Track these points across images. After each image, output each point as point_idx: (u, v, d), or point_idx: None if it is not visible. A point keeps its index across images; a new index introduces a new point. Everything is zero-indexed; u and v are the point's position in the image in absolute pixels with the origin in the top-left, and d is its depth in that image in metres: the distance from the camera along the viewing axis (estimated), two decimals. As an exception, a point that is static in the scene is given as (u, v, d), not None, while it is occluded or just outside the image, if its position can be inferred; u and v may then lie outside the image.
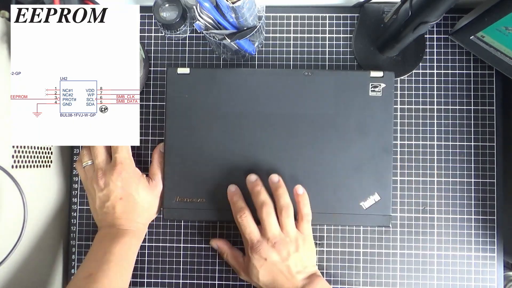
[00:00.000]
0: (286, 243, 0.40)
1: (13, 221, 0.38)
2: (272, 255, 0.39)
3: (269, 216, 0.40)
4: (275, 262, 0.40)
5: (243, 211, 0.41)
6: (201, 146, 0.45)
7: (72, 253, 0.50)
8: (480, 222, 0.48)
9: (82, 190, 0.50)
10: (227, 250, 0.46)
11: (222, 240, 0.47)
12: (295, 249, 0.40)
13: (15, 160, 0.40)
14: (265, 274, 0.40)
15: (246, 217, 0.41)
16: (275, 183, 0.42)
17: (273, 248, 0.39)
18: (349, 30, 0.49)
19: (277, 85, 0.44)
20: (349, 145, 0.44)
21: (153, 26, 0.50)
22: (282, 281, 0.40)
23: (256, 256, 0.40)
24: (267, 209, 0.40)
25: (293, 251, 0.40)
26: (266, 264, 0.40)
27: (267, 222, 0.40)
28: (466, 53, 0.48)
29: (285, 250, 0.40)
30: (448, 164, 0.48)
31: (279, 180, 0.42)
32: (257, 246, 0.40)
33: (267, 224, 0.40)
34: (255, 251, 0.40)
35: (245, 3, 0.36)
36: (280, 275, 0.40)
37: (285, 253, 0.40)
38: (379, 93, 0.44)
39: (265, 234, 0.40)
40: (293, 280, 0.40)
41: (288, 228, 0.40)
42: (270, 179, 0.42)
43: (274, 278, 0.40)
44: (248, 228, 0.40)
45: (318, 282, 0.40)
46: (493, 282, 0.47)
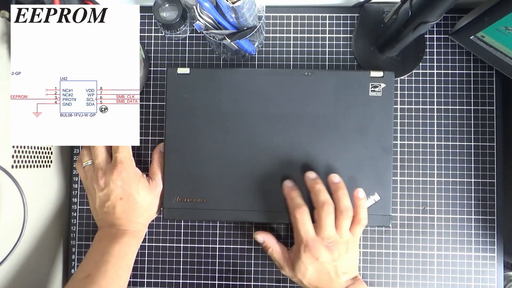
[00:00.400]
0: (339, 244, 0.40)
1: (13, 221, 0.38)
2: (324, 255, 0.39)
3: (329, 216, 0.40)
4: (325, 262, 0.40)
5: (302, 207, 0.41)
6: (201, 146, 0.45)
7: (72, 253, 0.50)
8: (480, 222, 0.48)
9: (82, 190, 0.50)
10: (274, 245, 0.44)
11: (268, 234, 0.45)
12: (345, 251, 0.40)
13: (15, 160, 0.40)
14: (313, 272, 0.40)
15: (305, 214, 0.40)
16: (336, 183, 0.42)
17: (326, 248, 0.39)
18: (349, 30, 0.49)
19: (277, 85, 0.44)
20: (349, 145, 0.44)
21: (153, 26, 0.50)
22: (328, 281, 0.40)
23: (308, 254, 0.40)
24: (328, 209, 0.40)
25: (343, 252, 0.40)
26: (316, 263, 0.40)
27: (325, 221, 0.39)
28: (466, 53, 0.48)
29: (337, 251, 0.40)
30: (448, 164, 0.48)
31: (340, 181, 0.42)
32: (312, 245, 0.39)
33: (324, 224, 0.39)
34: (308, 249, 0.39)
35: (245, 3, 0.36)
36: (327, 275, 0.40)
37: (336, 254, 0.40)
38: (379, 93, 0.44)
39: (320, 233, 0.40)
40: (338, 280, 0.40)
41: (344, 230, 0.40)
42: (330, 179, 0.42)
43: (320, 277, 0.40)
44: (305, 226, 0.40)
45: (360, 285, 0.41)
46: (493, 282, 0.47)
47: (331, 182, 0.42)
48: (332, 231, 0.40)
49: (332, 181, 0.42)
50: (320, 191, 0.41)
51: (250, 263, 0.49)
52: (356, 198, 0.41)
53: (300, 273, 0.41)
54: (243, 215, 0.45)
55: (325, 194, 0.41)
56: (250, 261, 0.49)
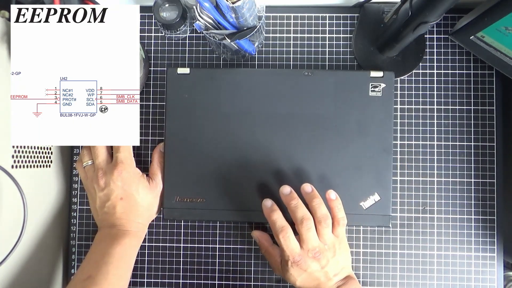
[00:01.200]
0: (325, 251, 0.40)
1: (13, 221, 0.38)
2: (312, 266, 0.40)
3: (310, 230, 0.39)
4: (315, 271, 0.40)
5: (285, 231, 0.40)
6: (201, 146, 0.45)
7: (72, 253, 0.50)
8: (480, 222, 0.48)
9: (82, 190, 0.50)
10: (266, 247, 0.45)
11: (264, 235, 0.46)
12: (333, 255, 0.41)
13: (15, 160, 0.40)
14: (303, 281, 0.41)
15: (289, 236, 0.40)
16: (309, 193, 0.41)
17: (313, 259, 0.40)
18: (349, 30, 0.49)
19: (277, 85, 0.44)
20: (349, 145, 0.44)
21: (153, 26, 0.50)
22: (319, 285, 0.41)
23: (296, 268, 0.40)
24: (307, 224, 0.39)
25: (331, 257, 0.40)
26: (305, 273, 0.40)
27: (306, 236, 0.39)
28: (466, 53, 0.48)
29: (324, 259, 0.40)
30: (448, 164, 0.48)
31: (313, 189, 0.41)
32: (298, 260, 0.39)
33: (306, 238, 0.39)
34: (296, 264, 0.40)
35: (245, 3, 0.36)
36: (317, 280, 0.41)
37: (324, 261, 0.40)
38: (379, 93, 0.44)
39: (304, 247, 0.40)
40: (330, 282, 0.41)
41: (326, 237, 0.40)
42: (303, 190, 0.41)
43: (311, 283, 0.41)
44: (290, 245, 0.40)
45: (351, 284, 0.41)
46: (493, 282, 0.47)
47: (304, 193, 0.41)
48: (316, 242, 0.40)
49: (305, 191, 0.41)
50: (297, 207, 0.40)
51: (250, 263, 0.49)
52: (329, 201, 0.41)
53: (290, 281, 0.42)
54: (243, 215, 0.45)
55: (301, 209, 0.40)
56: (250, 261, 0.49)
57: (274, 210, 0.41)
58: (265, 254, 0.45)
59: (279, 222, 0.40)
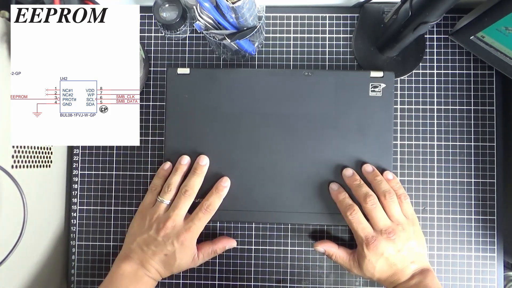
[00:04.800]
0: (399, 232, 0.39)
1: (13, 221, 0.38)
2: (388, 248, 0.39)
3: (376, 208, 0.39)
4: (391, 255, 0.39)
5: (353, 208, 0.40)
6: (201, 146, 0.45)
7: (72, 253, 0.50)
8: (480, 222, 0.48)
9: (82, 190, 0.50)
10: (335, 252, 0.44)
11: (328, 243, 0.45)
12: (407, 238, 0.40)
13: (15, 160, 0.40)
14: (382, 269, 0.40)
15: (357, 213, 0.40)
16: (371, 172, 0.42)
17: (388, 240, 0.39)
18: (349, 30, 0.49)
19: (277, 85, 0.44)
20: (349, 145, 0.44)
21: (153, 26, 0.50)
22: (398, 273, 0.40)
23: (372, 252, 0.39)
24: (371, 200, 0.40)
25: (405, 240, 0.39)
26: (382, 258, 0.39)
27: (375, 214, 0.39)
28: (466, 53, 0.48)
29: (399, 241, 0.39)
30: (448, 164, 0.48)
31: (374, 169, 0.43)
32: (373, 242, 0.39)
33: (375, 216, 0.39)
34: (371, 247, 0.39)
35: (245, 3, 0.36)
36: (394, 267, 0.40)
37: (399, 244, 0.39)
38: (379, 93, 0.44)
39: (376, 227, 0.39)
40: (406, 270, 0.40)
41: (396, 215, 0.40)
42: (364, 170, 0.43)
43: (389, 270, 0.40)
44: (361, 224, 0.40)
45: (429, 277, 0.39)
46: (493, 282, 0.47)
47: (365, 173, 0.42)
48: (387, 221, 0.39)
49: (366, 171, 0.43)
50: (360, 186, 0.41)
51: (250, 263, 0.49)
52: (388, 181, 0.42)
53: (368, 271, 0.40)
54: (243, 215, 0.45)
55: (364, 187, 0.41)
56: (250, 261, 0.49)
57: (341, 191, 0.43)
58: (337, 259, 0.44)
59: (347, 200, 0.41)
